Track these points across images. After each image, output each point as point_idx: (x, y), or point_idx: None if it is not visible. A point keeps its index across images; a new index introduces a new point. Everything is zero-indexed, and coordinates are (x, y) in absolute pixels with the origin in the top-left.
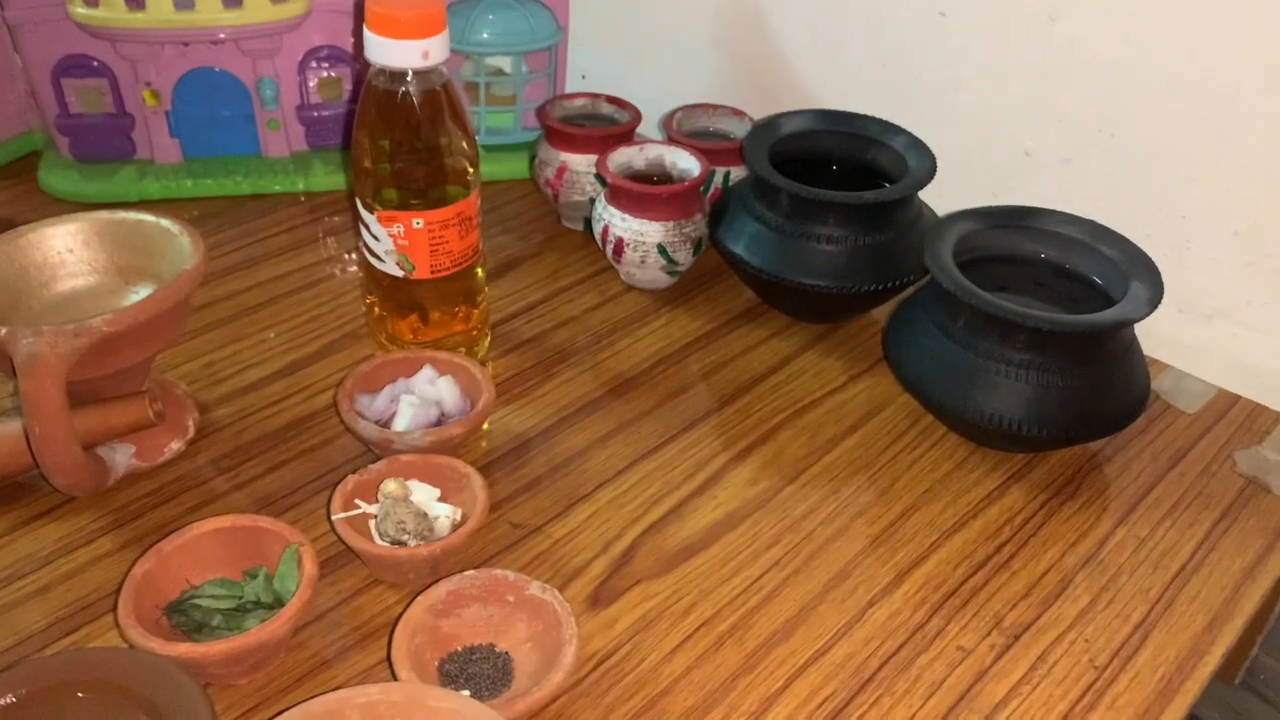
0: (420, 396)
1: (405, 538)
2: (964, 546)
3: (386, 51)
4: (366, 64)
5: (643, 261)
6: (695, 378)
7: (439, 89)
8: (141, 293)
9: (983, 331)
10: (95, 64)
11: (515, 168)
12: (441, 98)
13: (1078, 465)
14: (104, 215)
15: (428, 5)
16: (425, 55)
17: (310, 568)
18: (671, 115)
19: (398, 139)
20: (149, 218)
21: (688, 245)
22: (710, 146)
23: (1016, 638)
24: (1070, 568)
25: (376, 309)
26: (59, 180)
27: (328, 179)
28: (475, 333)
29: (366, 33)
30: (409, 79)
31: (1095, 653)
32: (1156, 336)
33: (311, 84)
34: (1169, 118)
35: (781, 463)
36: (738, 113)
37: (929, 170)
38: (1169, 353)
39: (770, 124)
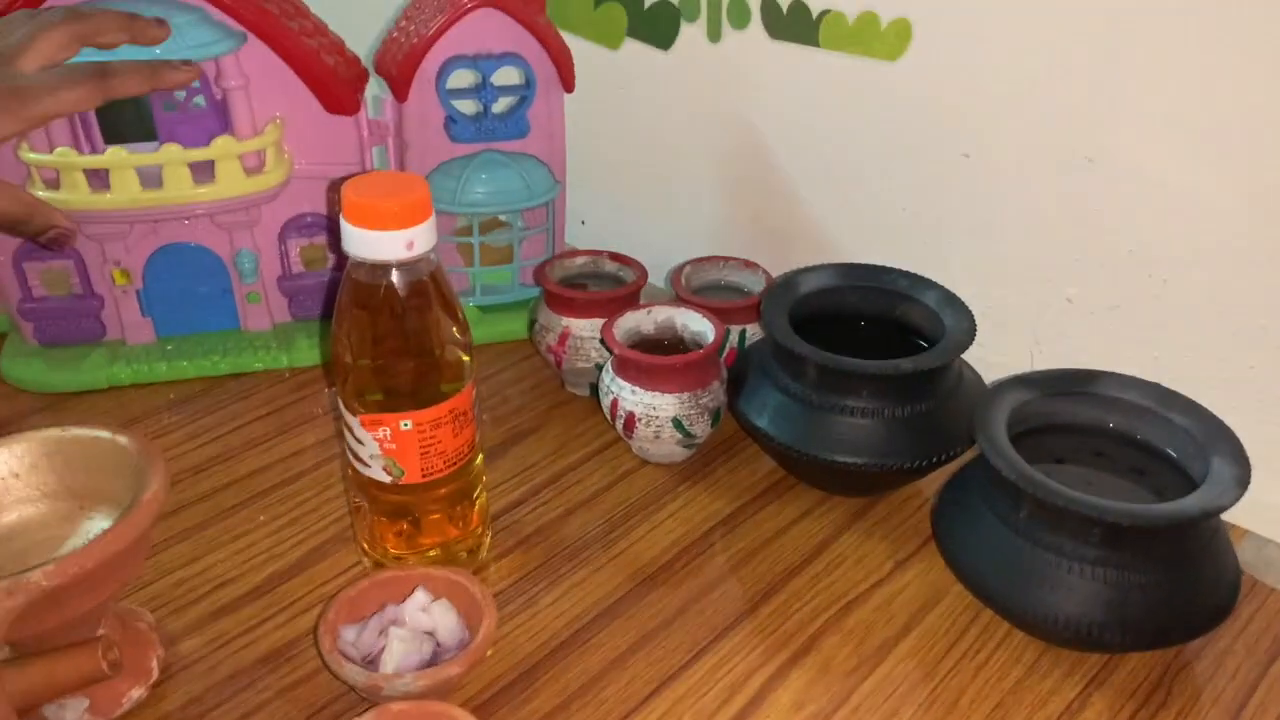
0: (412, 629)
1: None
2: None
3: (367, 244)
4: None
5: (657, 436)
6: (723, 570)
7: (426, 279)
8: (98, 520)
9: (1051, 524)
10: None
11: (513, 328)
12: (429, 287)
13: (1164, 665)
14: (54, 433)
15: (410, 190)
16: (410, 246)
17: None
18: (680, 270)
19: (381, 335)
20: (104, 434)
21: (705, 417)
22: (723, 305)
23: None
24: None
25: (364, 514)
26: (23, 369)
27: (312, 353)
28: (478, 530)
29: (344, 224)
30: (392, 271)
31: None
32: None
33: (293, 253)
34: (1229, 260)
35: (829, 679)
36: (750, 264)
37: (968, 331)
38: (1248, 517)
39: (788, 283)
